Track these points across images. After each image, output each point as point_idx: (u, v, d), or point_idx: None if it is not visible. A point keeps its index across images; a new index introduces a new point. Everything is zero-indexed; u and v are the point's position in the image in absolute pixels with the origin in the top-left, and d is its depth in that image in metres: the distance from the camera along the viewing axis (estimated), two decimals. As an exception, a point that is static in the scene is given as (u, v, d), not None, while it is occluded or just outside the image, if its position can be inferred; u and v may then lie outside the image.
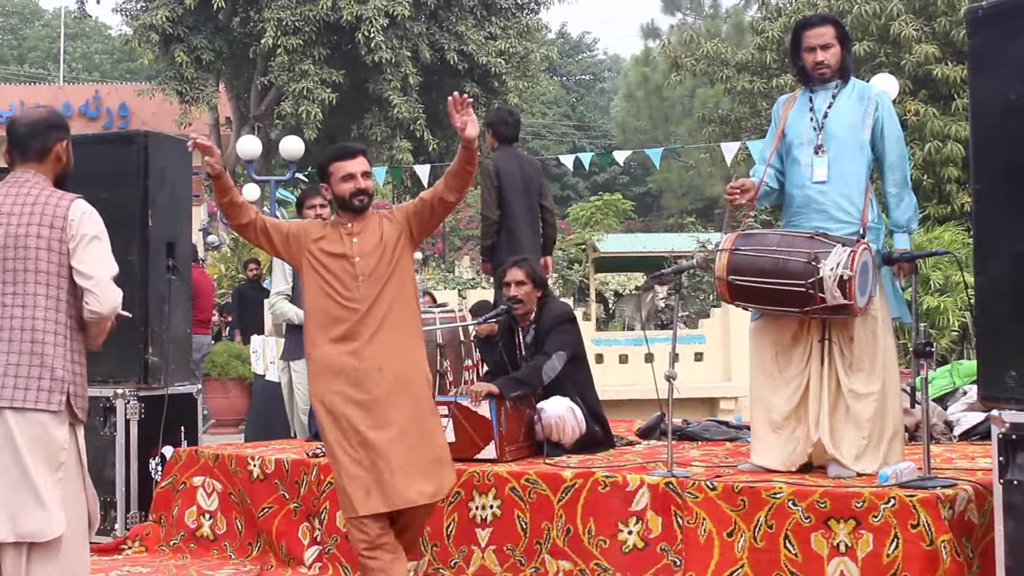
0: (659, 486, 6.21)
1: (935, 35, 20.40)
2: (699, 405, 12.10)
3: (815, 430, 6.29)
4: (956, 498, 5.57)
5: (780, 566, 5.78)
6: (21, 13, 74.75)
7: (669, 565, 6.09)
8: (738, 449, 7.63)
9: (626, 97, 55.35)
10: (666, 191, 50.38)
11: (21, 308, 4.90)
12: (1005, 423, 5.15)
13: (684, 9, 50.41)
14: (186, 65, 29.05)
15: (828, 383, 6.27)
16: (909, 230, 6.44)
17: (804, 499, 5.77)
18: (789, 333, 6.39)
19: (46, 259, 4.93)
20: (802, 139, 6.47)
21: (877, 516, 5.57)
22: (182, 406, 8.98)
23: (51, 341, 4.93)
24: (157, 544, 8.13)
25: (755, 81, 23.50)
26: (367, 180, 6.08)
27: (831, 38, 6.48)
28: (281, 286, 9.05)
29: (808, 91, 6.59)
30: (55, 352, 4.93)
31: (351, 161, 6.06)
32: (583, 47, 72.01)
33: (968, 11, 5.50)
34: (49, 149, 5.17)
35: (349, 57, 28.50)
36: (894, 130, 6.44)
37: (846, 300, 5.95)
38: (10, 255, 4.93)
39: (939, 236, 14.83)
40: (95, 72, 63.77)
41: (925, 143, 19.46)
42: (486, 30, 29.63)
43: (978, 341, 5.55)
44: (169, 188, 9.00)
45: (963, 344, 13.45)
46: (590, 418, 7.56)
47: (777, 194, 6.70)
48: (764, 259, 6.19)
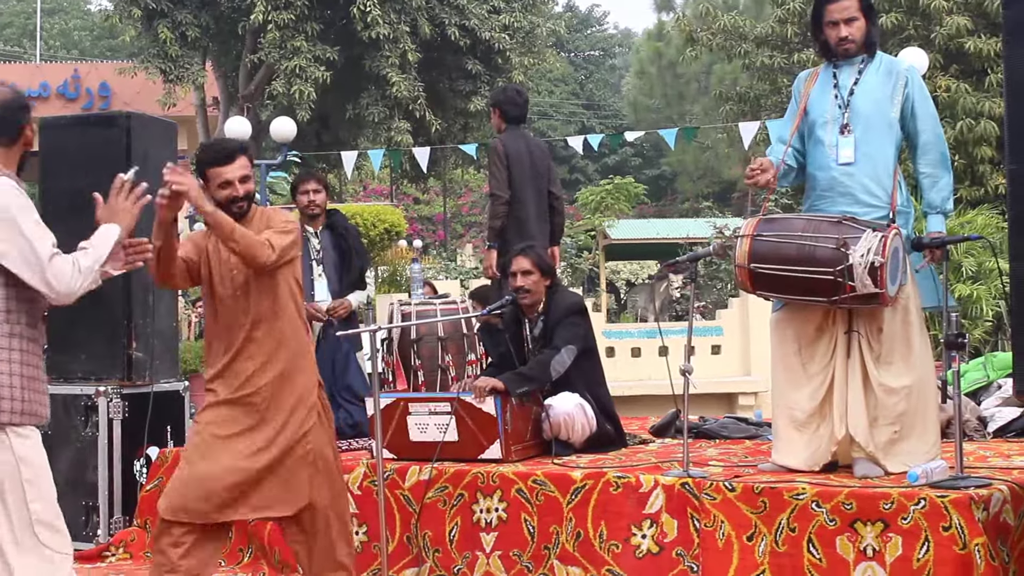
0: (674, 487, 6.22)
1: (967, 6, 20.39)
2: (716, 401, 12.13)
3: (840, 427, 6.28)
4: (991, 499, 5.57)
5: (803, 571, 5.79)
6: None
7: (686, 571, 6.10)
8: (758, 448, 7.63)
9: (638, 74, 55.34)
10: (681, 174, 50.41)
11: None
12: (1042, 419, 5.16)
13: (700, -20, 50.47)
14: (170, 42, 29.01)
15: (855, 377, 6.26)
16: (945, 211, 6.39)
17: (829, 500, 5.78)
18: (813, 325, 6.37)
19: None
20: (826, 118, 6.44)
21: (907, 518, 5.58)
22: (168, 404, 8.99)
23: None
24: (143, 551, 8.13)
25: (775, 56, 23.50)
26: (246, 185, 6.02)
27: (855, 11, 6.42)
28: None
29: (832, 67, 6.56)
30: None
31: (228, 166, 5.98)
32: (592, 21, 72.05)
33: (1003, -20, 5.48)
34: (19, 132, 4.99)
35: (344, 33, 28.51)
36: (927, 107, 6.40)
37: (877, 289, 5.92)
38: None
39: (972, 220, 14.84)
40: (74, 50, 63.78)
41: (957, 121, 19.47)
42: (489, 3, 29.60)
43: (1014, 331, 5.56)
44: (154, 173, 8.92)
45: (997, 335, 13.45)
46: (601, 415, 7.56)
47: (796, 173, 6.66)
48: (789, 245, 6.17)
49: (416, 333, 8.61)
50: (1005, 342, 12.73)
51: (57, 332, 9.05)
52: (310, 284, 8.82)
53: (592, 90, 66.09)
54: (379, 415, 6.88)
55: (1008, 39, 5.46)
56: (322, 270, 8.86)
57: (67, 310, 9.06)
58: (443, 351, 8.66)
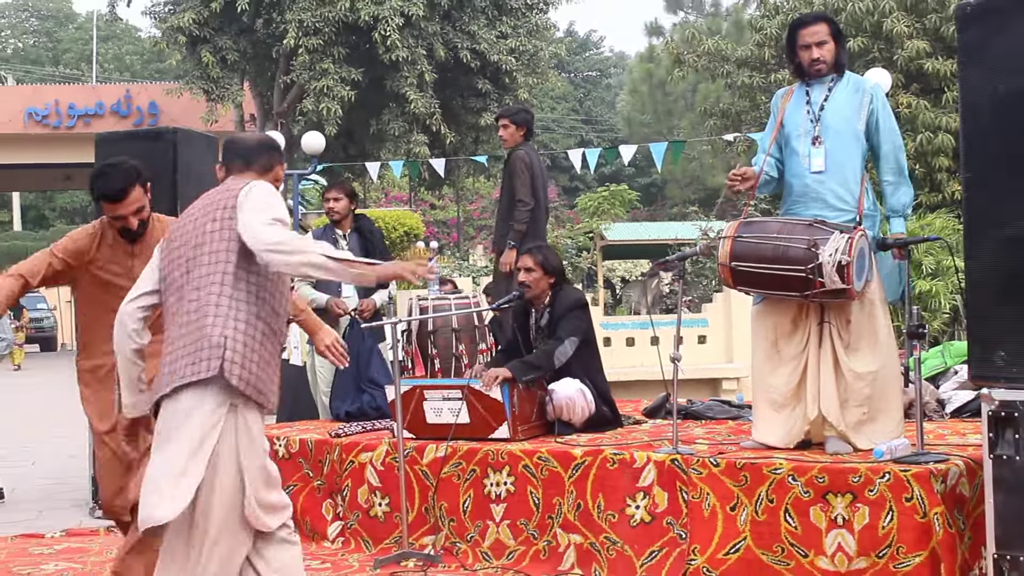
0: (665, 463, 6.21)
1: (926, 31, 20.35)
2: (702, 385, 12.11)
3: (813, 408, 6.29)
4: (948, 472, 5.56)
5: (780, 538, 5.78)
6: (56, 16, 74.89)
7: (675, 538, 6.09)
8: (740, 427, 7.62)
9: (631, 92, 55.27)
10: (670, 181, 50.37)
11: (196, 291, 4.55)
12: (994, 401, 5.15)
13: (686, 8, 50.38)
14: (212, 65, 29.12)
15: (827, 363, 6.27)
16: (905, 215, 6.42)
17: (803, 474, 5.77)
18: (789, 317, 6.38)
19: (216, 238, 4.58)
20: (800, 131, 6.45)
21: (873, 490, 5.57)
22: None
23: (211, 313, 4.47)
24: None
25: (754, 76, 23.44)
26: (140, 215, 5.84)
27: (825, 35, 6.45)
28: None
29: (805, 85, 6.56)
30: (214, 322, 4.46)
31: (117, 205, 5.77)
32: (590, 44, 71.96)
33: (958, 7, 5.49)
34: (270, 167, 4.94)
35: (367, 56, 28.51)
36: (888, 121, 6.41)
37: (844, 284, 5.95)
38: (191, 243, 4.65)
39: (931, 223, 14.81)
40: (126, 72, 63.87)
41: (917, 134, 19.43)
42: (497, 29, 29.63)
43: (968, 323, 5.54)
44: (196, 181, 8.99)
45: (954, 326, 13.43)
46: (599, 399, 7.55)
47: (776, 183, 6.67)
48: (765, 246, 6.19)
49: (432, 325, 8.62)
50: (961, 332, 12.71)
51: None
52: (337, 282, 8.83)
53: (590, 106, 66.02)
54: (399, 400, 6.91)
55: (962, 61, 5.45)
56: (348, 269, 8.84)
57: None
58: (457, 341, 8.67)
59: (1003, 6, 5.27)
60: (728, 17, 47.18)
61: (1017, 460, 5.08)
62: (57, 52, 70.99)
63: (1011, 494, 5.09)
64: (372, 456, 7.30)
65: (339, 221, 9.07)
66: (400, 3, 27.40)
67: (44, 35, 74.73)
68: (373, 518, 7.24)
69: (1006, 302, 5.16)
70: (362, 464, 7.34)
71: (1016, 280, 5.12)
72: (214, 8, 28.40)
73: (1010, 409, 5.10)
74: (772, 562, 5.80)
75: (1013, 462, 5.09)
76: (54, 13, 75.69)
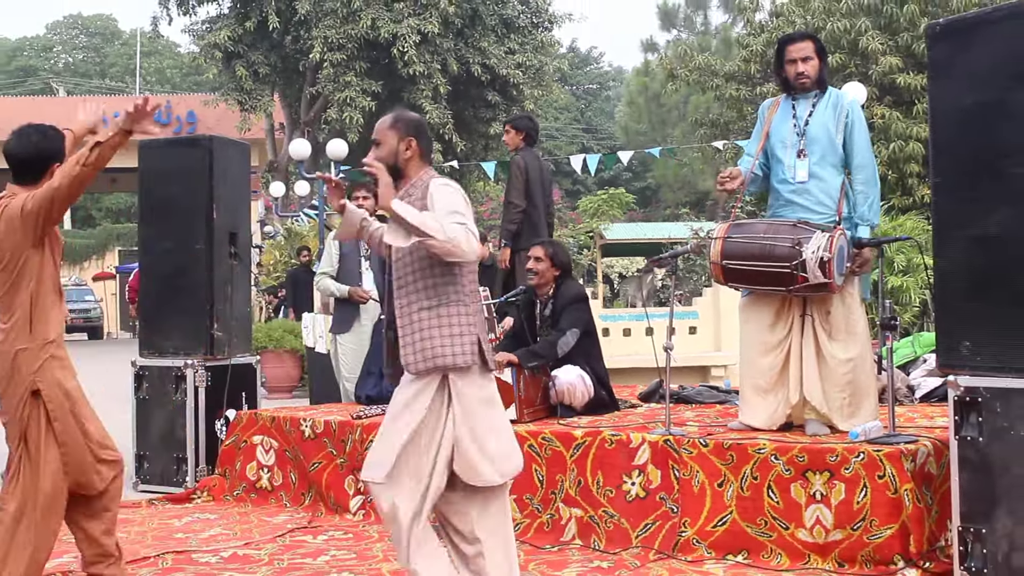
0: (658, 443, 6.21)
1: (898, 48, 20.32)
2: (693, 372, 12.08)
3: (795, 393, 6.32)
4: (917, 452, 5.57)
5: (764, 512, 5.79)
6: (103, 33, 74.98)
7: (667, 512, 6.09)
8: (727, 411, 7.62)
9: (628, 104, 55.17)
10: (663, 186, 50.26)
11: None
12: (960, 387, 5.15)
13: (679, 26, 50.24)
14: (245, 78, 29.16)
15: (810, 352, 6.28)
16: (872, 224, 6.43)
17: (785, 454, 5.77)
18: (774, 309, 6.40)
19: None
20: (786, 142, 6.46)
21: (848, 468, 5.57)
22: (243, 374, 9.00)
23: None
24: (222, 494, 8.16)
25: (741, 89, 23.40)
26: None
27: (811, 52, 6.46)
28: (326, 267, 9.04)
29: (791, 99, 6.57)
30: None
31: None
32: (590, 60, 71.78)
33: (928, 27, 5.49)
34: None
35: (386, 70, 28.53)
36: (863, 135, 6.42)
37: (826, 279, 5.98)
38: None
39: (902, 224, 14.77)
40: (167, 84, 63.87)
41: (890, 143, 19.40)
42: (506, 45, 29.62)
43: (936, 316, 5.54)
44: (231, 185, 9.02)
45: (923, 318, 13.39)
46: (598, 384, 7.56)
47: (762, 180, 6.69)
48: (753, 245, 6.20)
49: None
50: (929, 324, 12.67)
51: (152, 316, 9.11)
52: (359, 276, 8.85)
53: (590, 117, 65.88)
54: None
55: (932, 76, 5.45)
56: (368, 265, 8.86)
57: (159, 297, 9.09)
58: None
59: (968, 26, 5.28)
60: (717, 35, 47.10)
61: (980, 441, 5.08)
62: (104, 66, 71.03)
63: (975, 472, 5.10)
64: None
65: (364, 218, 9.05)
66: (417, 21, 27.47)
67: (92, 51, 74.78)
68: (391, 492, 7.24)
69: (971, 297, 5.16)
70: (381, 443, 7.33)
71: (980, 277, 5.13)
72: (247, 26, 28.53)
73: (974, 394, 5.10)
74: (756, 534, 5.80)
75: (977, 443, 5.09)
76: (101, 30, 75.78)
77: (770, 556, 5.73)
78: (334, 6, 27.91)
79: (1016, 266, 5.01)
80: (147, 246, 9.18)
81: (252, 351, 9.50)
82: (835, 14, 21.00)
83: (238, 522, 7.39)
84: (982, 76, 5.13)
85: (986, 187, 5.10)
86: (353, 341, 8.86)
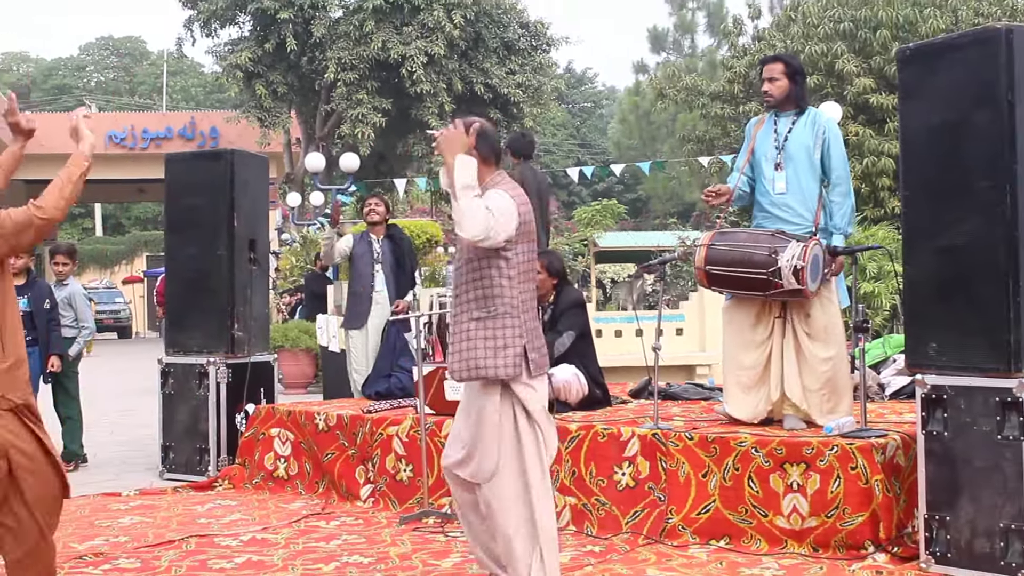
0: (647, 436, 6.22)
1: (871, 71, 20.32)
2: (679, 371, 12.09)
3: (775, 390, 6.33)
4: (887, 446, 5.58)
5: (744, 501, 5.80)
6: (132, 54, 75.02)
7: (655, 500, 6.10)
8: (712, 407, 7.59)
9: (620, 121, 55.02)
10: (653, 197, 50.18)
11: None
12: (927, 385, 5.17)
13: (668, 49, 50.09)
14: (265, 96, 29.20)
15: (790, 352, 6.30)
16: (845, 233, 6.46)
17: (764, 447, 5.78)
18: (754, 312, 6.41)
19: None
20: (767, 156, 6.48)
21: (823, 460, 5.58)
22: (261, 371, 9.01)
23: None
24: (242, 482, 8.16)
25: (725, 108, 23.38)
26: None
27: (778, 73, 6.49)
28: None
29: (774, 116, 6.59)
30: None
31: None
32: (586, 80, 71.76)
33: (898, 51, 5.51)
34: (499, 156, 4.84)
35: (396, 89, 28.54)
36: (839, 151, 6.43)
37: (799, 285, 6.00)
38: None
39: (874, 234, 14.78)
40: (191, 102, 63.84)
41: (863, 158, 19.39)
42: (507, 67, 29.65)
43: (905, 319, 5.56)
44: (250, 195, 9.03)
45: (893, 321, 13.39)
46: (591, 382, 7.56)
47: (748, 197, 6.70)
48: (734, 252, 6.22)
49: (450, 317, 8.62)
50: (899, 327, 12.68)
51: (177, 317, 9.12)
52: (371, 276, 8.88)
53: (585, 133, 65.86)
54: (421, 381, 6.92)
55: (902, 96, 5.47)
56: (380, 268, 8.89)
57: (184, 299, 9.10)
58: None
59: (935, 51, 5.31)
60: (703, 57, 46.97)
61: (945, 435, 5.10)
62: (133, 84, 71.00)
63: (940, 464, 5.12)
64: (398, 429, 7.31)
65: (376, 223, 9.04)
66: (424, 44, 27.54)
67: (122, 70, 74.78)
68: (399, 482, 7.25)
69: (937, 302, 5.18)
70: (390, 436, 7.35)
71: (946, 284, 5.15)
72: (267, 48, 28.58)
73: (940, 392, 5.12)
74: (737, 521, 5.81)
75: (942, 437, 5.11)
76: (130, 51, 75.79)
77: (750, 541, 5.74)
78: (347, 29, 27.99)
79: (979, 274, 5.03)
80: (173, 252, 9.19)
81: (270, 350, 9.50)
82: (813, 39, 21.02)
83: (256, 508, 7.40)
84: (948, 97, 5.15)
85: (952, 201, 5.12)
86: (362, 337, 8.89)
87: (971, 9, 20.40)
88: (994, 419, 4.95)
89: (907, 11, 20.25)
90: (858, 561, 5.34)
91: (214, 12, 29.50)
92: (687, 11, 48.60)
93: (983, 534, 4.98)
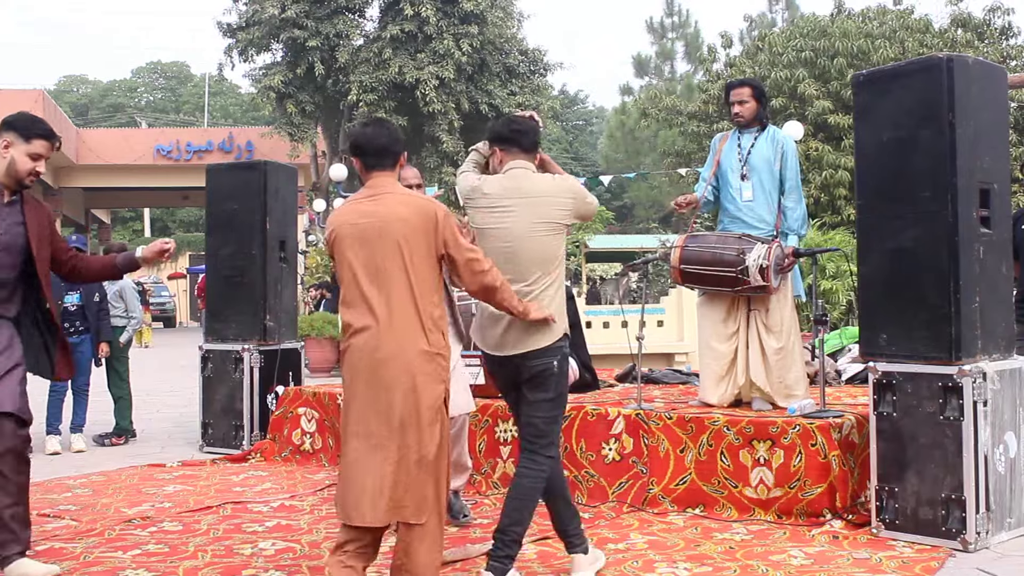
0: (631, 416, 6.21)
1: (829, 94, 20.35)
2: (660, 358, 12.08)
3: (742, 376, 6.32)
4: (843, 425, 5.57)
5: (717, 473, 5.79)
6: (178, 77, 75.18)
7: (638, 472, 6.09)
8: (688, 390, 7.61)
9: (608, 137, 54.96)
10: (637, 204, 50.19)
11: None
12: (878, 371, 5.16)
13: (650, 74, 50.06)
14: (295, 115, 29.24)
15: (755, 342, 6.29)
16: (799, 234, 6.47)
17: (735, 426, 5.77)
18: (724, 306, 6.40)
19: None
20: (733, 168, 6.48)
21: (787, 438, 5.57)
22: (290, 357, 8.98)
23: None
24: (272, 456, 8.15)
25: (701, 126, 23.43)
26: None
27: (747, 96, 6.49)
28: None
29: (738, 133, 6.59)
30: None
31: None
32: (578, 101, 71.81)
33: (853, 77, 5.51)
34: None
35: (410, 108, 28.56)
36: (794, 163, 6.46)
37: (764, 282, 6.00)
38: None
39: (832, 237, 14.80)
40: (229, 119, 63.85)
41: (823, 171, 19.43)
42: (508, 88, 29.66)
43: (860, 313, 5.55)
44: (281, 201, 9.01)
45: (849, 315, 13.40)
46: (582, 367, 7.54)
47: (713, 203, 6.70)
48: (705, 253, 6.22)
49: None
50: (854, 320, 12.69)
51: (216, 308, 9.10)
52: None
53: (577, 147, 65.90)
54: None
55: (856, 117, 5.46)
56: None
57: (222, 293, 9.06)
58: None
59: (886, 77, 5.29)
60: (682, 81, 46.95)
61: (894, 416, 5.09)
62: (178, 103, 71.05)
63: (889, 442, 5.11)
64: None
65: None
66: (436, 68, 27.60)
67: (169, 91, 74.86)
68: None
69: (888, 298, 5.17)
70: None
71: (896, 282, 5.14)
72: (297, 72, 28.65)
73: (890, 378, 5.11)
74: (711, 491, 5.80)
75: (891, 418, 5.11)
76: (176, 74, 75.92)
77: (722, 509, 5.73)
78: (368, 56, 28.03)
79: (924, 274, 5.03)
80: (212, 251, 9.16)
81: (297, 338, 9.48)
82: (778, 65, 21.07)
83: (285, 478, 7.39)
84: (897, 118, 5.15)
85: (900, 208, 5.12)
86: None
87: (916, 41, 20.47)
88: (937, 402, 4.95)
89: (861, 42, 20.29)
90: (817, 527, 5.32)
91: (251, 40, 29.52)
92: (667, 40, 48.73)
93: (927, 503, 4.98)
